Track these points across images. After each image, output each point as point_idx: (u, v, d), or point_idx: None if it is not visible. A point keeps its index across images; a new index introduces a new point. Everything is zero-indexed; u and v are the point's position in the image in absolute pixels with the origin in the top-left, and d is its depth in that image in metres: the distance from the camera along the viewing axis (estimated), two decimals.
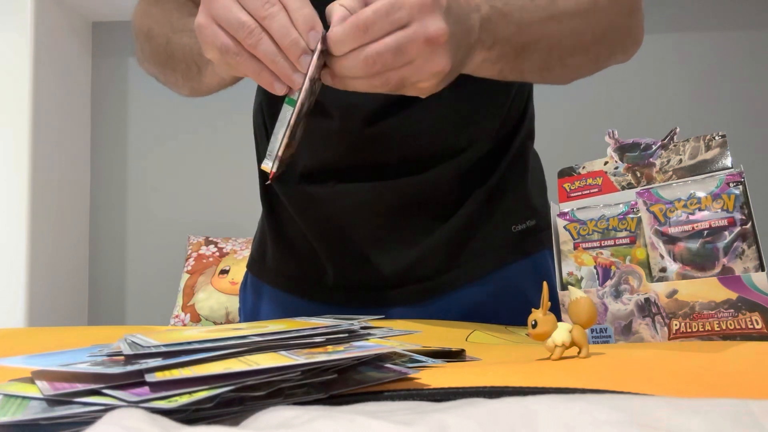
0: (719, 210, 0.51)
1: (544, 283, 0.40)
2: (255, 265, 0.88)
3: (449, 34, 0.49)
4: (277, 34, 0.48)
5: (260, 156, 0.84)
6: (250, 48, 0.49)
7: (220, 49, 0.50)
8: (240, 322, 0.93)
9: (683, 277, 0.51)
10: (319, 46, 0.48)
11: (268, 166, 0.51)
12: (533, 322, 0.40)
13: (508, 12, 0.56)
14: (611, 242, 0.56)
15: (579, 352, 0.40)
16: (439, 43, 0.48)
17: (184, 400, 0.26)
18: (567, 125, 2.46)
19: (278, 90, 0.50)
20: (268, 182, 0.63)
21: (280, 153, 0.50)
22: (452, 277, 0.76)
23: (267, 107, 0.82)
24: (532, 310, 0.40)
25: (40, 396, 0.27)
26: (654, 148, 0.57)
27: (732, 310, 0.48)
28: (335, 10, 0.48)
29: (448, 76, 0.52)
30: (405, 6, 0.47)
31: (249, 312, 0.87)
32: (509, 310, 0.73)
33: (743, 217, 0.50)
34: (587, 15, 0.63)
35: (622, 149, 0.59)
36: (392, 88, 0.50)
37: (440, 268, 0.75)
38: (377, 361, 0.35)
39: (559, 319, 0.45)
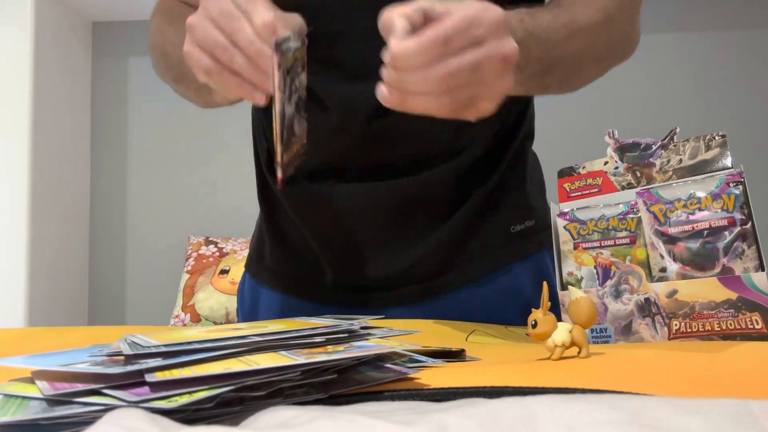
0: (719, 210, 0.51)
1: (544, 283, 0.40)
2: (253, 265, 0.88)
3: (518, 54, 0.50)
4: (244, 48, 0.50)
5: (258, 155, 0.84)
6: (228, 64, 0.51)
7: (205, 71, 0.52)
8: (239, 322, 0.93)
9: (683, 277, 0.51)
10: (273, 45, 0.49)
11: (278, 173, 0.53)
12: (533, 322, 0.40)
13: (537, 34, 0.57)
14: (611, 242, 0.56)
15: (579, 352, 0.40)
16: (510, 62, 0.49)
17: (184, 400, 0.26)
18: (567, 125, 2.46)
19: (259, 99, 0.52)
20: (279, 187, 0.64)
21: (278, 158, 0.51)
22: (451, 278, 0.76)
23: (264, 107, 0.82)
24: (532, 310, 0.40)
25: (40, 396, 0.27)
26: (654, 148, 0.57)
27: (732, 310, 0.48)
28: (397, 22, 0.47)
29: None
30: (483, 23, 0.47)
31: (247, 312, 0.87)
32: (509, 311, 0.73)
33: (743, 217, 0.50)
34: (601, 28, 0.64)
35: (622, 149, 0.59)
36: (458, 107, 0.50)
37: (439, 268, 0.75)
38: (377, 361, 0.35)
39: (559, 319, 0.45)
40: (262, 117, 0.83)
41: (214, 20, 0.52)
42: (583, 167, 0.61)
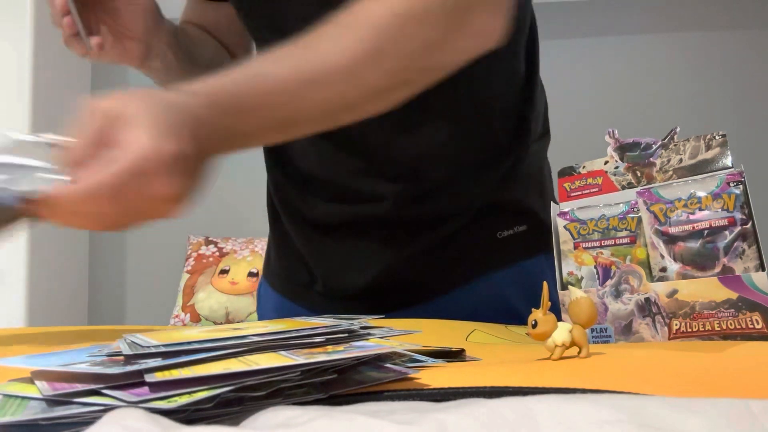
0: (719, 210, 0.50)
1: (544, 283, 0.40)
2: (265, 268, 0.91)
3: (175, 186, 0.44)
4: None
5: (268, 160, 0.84)
6: None
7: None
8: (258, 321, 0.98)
9: (683, 276, 0.51)
10: None
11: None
12: (533, 322, 0.40)
13: (225, 103, 0.48)
14: (611, 242, 0.56)
15: (579, 352, 0.40)
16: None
17: (184, 400, 0.26)
18: (567, 125, 2.46)
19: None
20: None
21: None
22: (433, 286, 0.75)
23: None
24: (532, 309, 0.40)
25: (40, 396, 0.27)
26: (654, 147, 0.57)
27: (732, 310, 0.48)
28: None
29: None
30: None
31: (261, 312, 0.91)
32: (493, 320, 0.70)
33: (743, 217, 0.50)
34: (347, 78, 0.51)
35: (623, 149, 0.58)
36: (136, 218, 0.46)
37: (424, 275, 0.75)
38: (377, 361, 0.35)
39: (559, 319, 0.45)
40: None
41: None
42: (583, 167, 0.61)
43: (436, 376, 0.34)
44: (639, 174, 0.57)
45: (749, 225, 0.49)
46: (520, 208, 0.75)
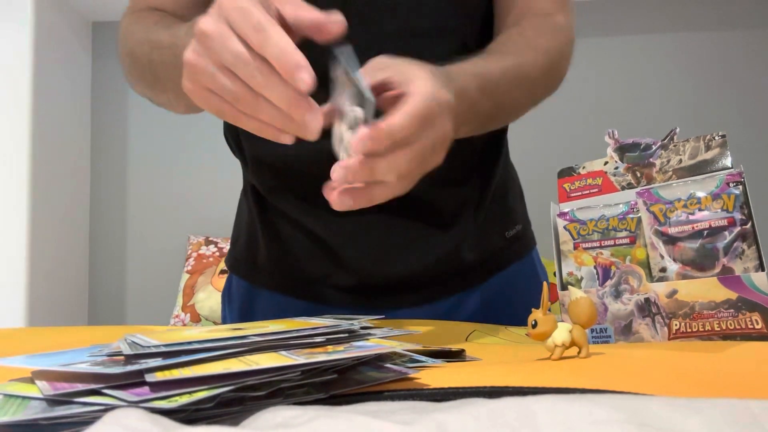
0: (719, 210, 0.51)
1: (544, 283, 0.40)
2: (243, 267, 0.85)
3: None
4: (276, 99, 0.42)
5: (243, 153, 0.82)
6: (252, 114, 0.45)
7: (216, 112, 0.46)
8: (224, 324, 0.92)
9: (683, 277, 0.51)
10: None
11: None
12: (533, 322, 0.40)
13: (491, 90, 0.58)
14: (611, 242, 0.56)
15: (579, 352, 0.40)
16: (448, 140, 0.50)
17: (184, 400, 0.26)
18: (567, 125, 2.46)
19: (286, 140, 0.45)
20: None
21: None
22: (453, 284, 0.77)
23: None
24: (532, 310, 0.40)
25: (40, 396, 0.27)
26: (654, 148, 0.57)
27: (732, 310, 0.48)
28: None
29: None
30: (434, 113, 0.48)
31: (237, 313, 0.84)
32: (507, 313, 0.75)
33: (743, 217, 0.50)
34: (544, 74, 0.66)
35: (622, 149, 0.59)
36: (412, 182, 0.49)
37: (441, 274, 0.77)
38: (377, 361, 0.35)
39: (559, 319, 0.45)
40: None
41: (227, 60, 0.42)
42: (583, 167, 0.61)
43: (436, 376, 0.34)
44: (639, 174, 0.57)
45: (749, 225, 0.50)
46: (514, 209, 0.83)
